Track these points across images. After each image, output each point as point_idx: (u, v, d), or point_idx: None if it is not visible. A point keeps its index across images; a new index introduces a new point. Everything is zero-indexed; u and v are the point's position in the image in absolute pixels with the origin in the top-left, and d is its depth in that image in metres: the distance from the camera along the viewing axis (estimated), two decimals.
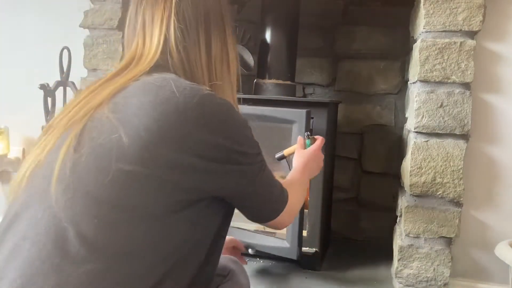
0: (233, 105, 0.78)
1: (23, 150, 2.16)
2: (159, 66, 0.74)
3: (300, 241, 1.64)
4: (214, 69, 0.78)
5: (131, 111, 0.65)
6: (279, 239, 1.69)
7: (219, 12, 0.80)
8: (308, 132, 1.41)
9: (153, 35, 0.76)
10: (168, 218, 0.63)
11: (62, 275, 0.56)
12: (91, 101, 0.68)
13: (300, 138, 1.30)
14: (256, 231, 1.78)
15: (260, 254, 1.81)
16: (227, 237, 1.12)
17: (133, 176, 0.61)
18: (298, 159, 1.16)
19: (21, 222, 0.62)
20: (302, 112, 1.62)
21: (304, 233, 1.72)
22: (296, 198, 0.94)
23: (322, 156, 1.20)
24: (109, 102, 0.67)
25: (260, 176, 0.78)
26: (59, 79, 1.93)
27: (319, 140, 1.24)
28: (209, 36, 0.77)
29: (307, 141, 1.21)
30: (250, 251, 1.77)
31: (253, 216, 0.84)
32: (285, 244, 1.66)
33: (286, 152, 1.35)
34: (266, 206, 0.83)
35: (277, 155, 1.40)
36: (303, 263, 1.76)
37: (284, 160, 1.39)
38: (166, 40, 0.75)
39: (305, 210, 1.61)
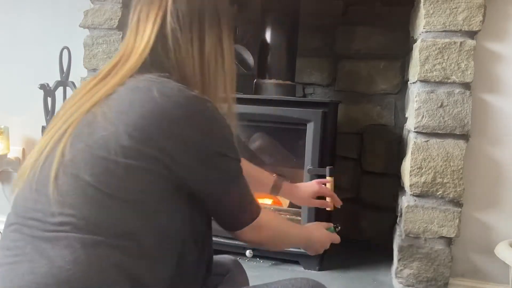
0: (229, 105, 0.79)
1: (23, 150, 2.16)
2: (150, 63, 0.75)
3: None
4: (207, 68, 0.77)
5: (122, 111, 0.69)
6: None
7: (215, 11, 0.79)
8: (331, 167, 1.42)
9: (145, 32, 0.76)
10: (156, 206, 0.69)
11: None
12: (85, 103, 0.72)
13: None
14: None
15: (260, 254, 1.81)
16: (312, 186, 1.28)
17: (124, 168, 0.66)
18: (312, 227, 1.13)
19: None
20: (318, 112, 1.64)
21: None
22: (275, 224, 0.90)
23: (326, 245, 1.13)
24: (102, 105, 0.70)
25: (234, 182, 0.77)
26: (59, 79, 1.93)
27: (336, 237, 1.16)
28: (203, 34, 0.77)
29: (331, 228, 1.16)
30: (247, 254, 1.77)
31: (219, 221, 0.82)
32: None
33: (328, 184, 1.37)
34: (233, 214, 0.80)
35: (312, 170, 1.51)
36: (303, 263, 1.76)
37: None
38: (157, 37, 0.75)
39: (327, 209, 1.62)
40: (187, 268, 0.76)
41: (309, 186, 1.31)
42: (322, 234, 1.10)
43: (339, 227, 1.19)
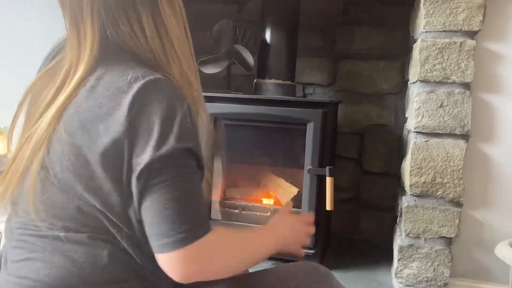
0: (187, 83, 0.74)
1: None
2: (101, 57, 0.72)
3: (317, 230, 1.66)
4: (154, 47, 0.72)
5: (80, 118, 0.68)
6: None
7: None
8: (331, 167, 1.41)
9: (86, 31, 0.72)
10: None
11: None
12: (45, 118, 0.70)
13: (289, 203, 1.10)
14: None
15: None
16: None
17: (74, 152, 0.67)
18: (274, 222, 0.92)
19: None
20: (318, 112, 1.64)
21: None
22: (226, 250, 0.71)
23: (305, 231, 0.94)
24: (62, 119, 0.69)
25: (179, 180, 0.66)
26: None
27: (306, 216, 1.00)
28: (138, 14, 0.71)
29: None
30: None
31: (148, 233, 0.66)
32: None
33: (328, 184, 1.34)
34: (163, 225, 0.64)
35: (312, 170, 1.50)
36: None
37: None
38: (100, 31, 0.72)
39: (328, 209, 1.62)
40: None
41: None
42: (290, 224, 0.91)
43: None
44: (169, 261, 0.64)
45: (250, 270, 0.88)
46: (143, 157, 0.64)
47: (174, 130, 0.65)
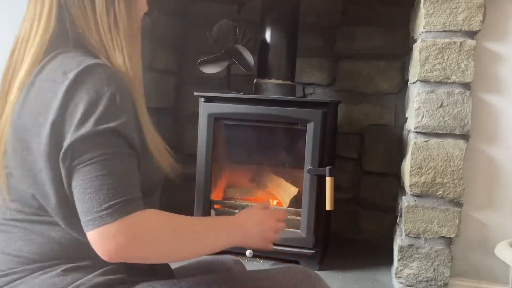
0: (128, 72, 0.74)
1: None
2: (53, 43, 0.75)
3: (317, 230, 1.69)
4: (102, 30, 0.74)
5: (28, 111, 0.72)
6: (293, 230, 1.74)
7: None
8: (331, 167, 1.41)
9: (42, 11, 0.75)
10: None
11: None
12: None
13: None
14: None
15: (260, 254, 1.81)
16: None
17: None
18: (240, 216, 0.87)
19: None
20: (318, 112, 1.65)
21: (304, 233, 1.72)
22: (156, 231, 0.67)
23: (274, 227, 0.88)
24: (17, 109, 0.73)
25: (103, 159, 0.65)
26: None
27: (278, 213, 0.93)
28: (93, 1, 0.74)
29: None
30: (247, 254, 1.77)
31: (79, 210, 0.66)
32: (301, 234, 1.70)
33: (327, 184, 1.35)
34: (87, 203, 0.64)
35: (312, 170, 1.48)
36: (303, 263, 1.76)
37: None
38: (57, 13, 0.75)
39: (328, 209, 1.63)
40: None
41: None
42: (257, 219, 0.85)
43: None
44: (92, 239, 0.64)
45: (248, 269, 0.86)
46: (66, 141, 0.66)
47: (97, 112, 0.66)
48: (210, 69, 1.89)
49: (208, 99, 1.81)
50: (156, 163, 0.77)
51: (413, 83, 1.60)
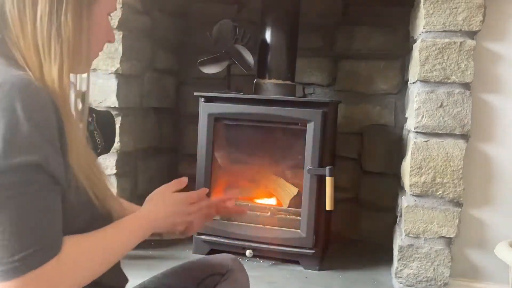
0: (62, 88, 0.64)
1: None
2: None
3: (317, 230, 1.69)
4: (40, 35, 0.64)
5: None
6: (293, 230, 1.75)
7: None
8: (331, 167, 1.42)
9: None
10: None
11: None
12: None
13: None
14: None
15: (259, 255, 1.81)
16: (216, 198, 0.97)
17: None
18: (147, 207, 0.81)
19: None
20: (318, 112, 1.65)
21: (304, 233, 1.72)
22: (79, 266, 0.63)
23: (187, 210, 0.84)
24: None
25: (14, 201, 0.56)
26: None
27: (190, 194, 0.87)
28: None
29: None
30: (247, 254, 1.77)
31: None
32: (301, 234, 1.71)
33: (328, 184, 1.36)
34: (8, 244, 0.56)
35: (312, 170, 1.48)
36: (303, 263, 1.76)
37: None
38: None
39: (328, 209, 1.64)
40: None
41: None
42: (168, 207, 0.81)
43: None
44: None
45: None
46: None
47: (2, 145, 0.55)
48: (210, 69, 1.89)
49: (208, 99, 1.81)
50: (88, 194, 0.66)
51: (413, 83, 1.60)
